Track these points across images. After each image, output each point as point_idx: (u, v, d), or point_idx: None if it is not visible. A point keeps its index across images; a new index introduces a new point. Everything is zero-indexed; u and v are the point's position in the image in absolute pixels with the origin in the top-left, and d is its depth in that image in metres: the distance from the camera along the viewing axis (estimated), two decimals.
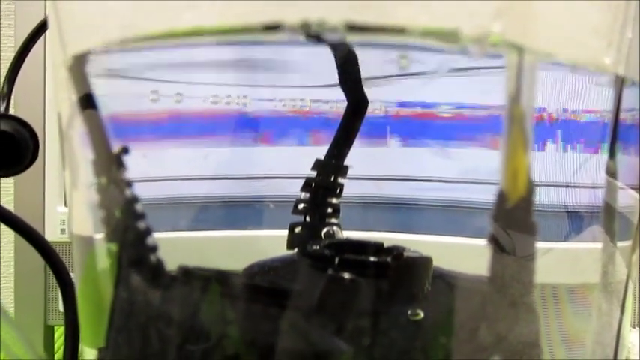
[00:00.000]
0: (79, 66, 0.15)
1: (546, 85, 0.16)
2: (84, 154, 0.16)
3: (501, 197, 0.13)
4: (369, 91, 0.21)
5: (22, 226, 0.23)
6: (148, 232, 0.16)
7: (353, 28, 0.10)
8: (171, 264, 0.17)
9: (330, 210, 0.22)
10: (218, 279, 0.15)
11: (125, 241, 0.16)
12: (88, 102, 0.16)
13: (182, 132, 0.22)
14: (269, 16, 0.10)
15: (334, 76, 0.20)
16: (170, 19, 0.11)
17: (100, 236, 0.16)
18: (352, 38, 0.11)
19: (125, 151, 0.16)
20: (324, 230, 0.22)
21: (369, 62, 0.14)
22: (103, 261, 0.16)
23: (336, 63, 0.19)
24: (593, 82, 0.17)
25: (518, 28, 0.12)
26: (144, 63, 0.17)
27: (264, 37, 0.11)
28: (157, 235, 0.17)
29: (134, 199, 0.16)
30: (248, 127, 0.23)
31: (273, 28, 0.10)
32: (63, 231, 0.40)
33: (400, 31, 0.10)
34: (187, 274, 0.15)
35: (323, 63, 0.19)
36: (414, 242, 0.20)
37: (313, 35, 0.10)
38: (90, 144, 0.16)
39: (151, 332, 0.15)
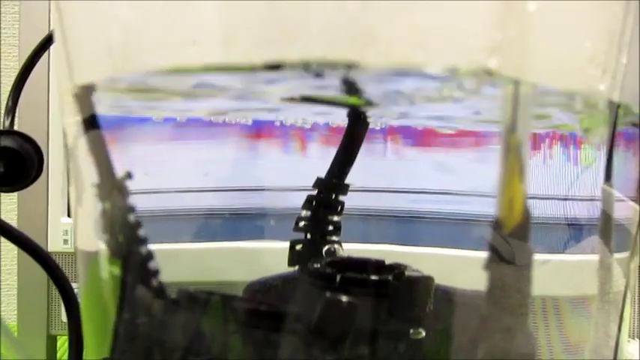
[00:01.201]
0: (84, 92, 0.15)
1: None
2: (88, 174, 0.16)
3: (498, 224, 0.14)
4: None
5: (23, 239, 0.23)
6: (150, 256, 0.16)
7: (352, 66, 0.10)
8: (173, 275, 0.17)
9: (330, 227, 0.23)
10: (219, 302, 0.15)
11: (127, 265, 0.16)
12: (92, 123, 0.16)
13: (184, 144, 0.22)
14: (271, 55, 0.11)
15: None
16: (175, 55, 0.12)
17: (104, 255, 0.17)
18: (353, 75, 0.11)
19: (128, 176, 0.16)
20: (325, 248, 0.22)
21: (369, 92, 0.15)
22: (107, 277, 0.16)
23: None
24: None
25: (514, 62, 0.12)
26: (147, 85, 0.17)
27: (268, 74, 0.11)
28: (159, 247, 0.17)
29: (137, 224, 0.16)
30: (249, 140, 0.23)
31: (274, 67, 0.11)
32: (66, 242, 0.40)
33: (398, 70, 0.10)
34: (188, 298, 0.15)
35: None
36: (414, 255, 0.21)
37: (316, 73, 0.11)
38: (94, 165, 0.16)
39: (153, 353, 0.15)
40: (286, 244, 0.22)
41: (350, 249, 0.23)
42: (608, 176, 0.17)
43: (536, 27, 0.12)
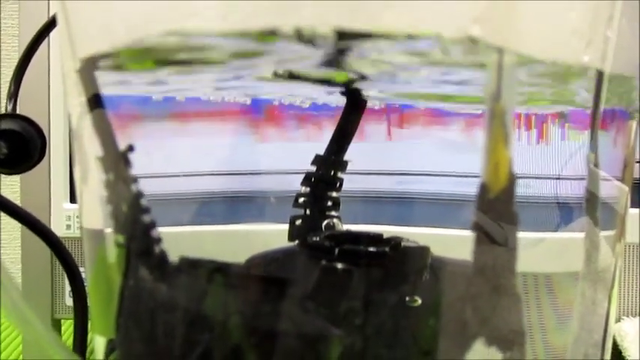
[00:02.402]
0: (87, 68, 0.16)
1: None
2: (93, 151, 0.17)
3: (483, 189, 0.14)
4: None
5: (32, 221, 0.24)
6: (152, 224, 0.16)
7: (342, 35, 0.11)
8: (173, 258, 0.17)
9: (330, 203, 0.23)
10: (219, 269, 0.16)
11: (131, 233, 0.16)
12: (96, 102, 0.17)
13: (184, 127, 0.22)
14: (265, 22, 0.11)
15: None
16: (175, 24, 0.12)
17: (109, 229, 0.17)
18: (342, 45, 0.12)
19: (131, 148, 0.17)
20: (324, 223, 0.23)
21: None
22: (113, 253, 0.17)
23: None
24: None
25: (499, 30, 0.12)
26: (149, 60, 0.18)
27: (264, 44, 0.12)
28: (160, 230, 0.17)
29: (139, 194, 0.16)
30: (250, 121, 0.23)
31: (269, 34, 0.11)
32: (68, 227, 0.41)
33: (386, 36, 0.11)
34: (189, 264, 0.16)
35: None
36: (410, 234, 0.21)
37: (309, 42, 0.11)
38: (98, 142, 0.17)
39: (156, 319, 0.16)
40: (287, 227, 0.23)
41: (349, 229, 0.24)
42: (593, 147, 0.18)
43: None
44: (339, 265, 0.17)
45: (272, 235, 0.23)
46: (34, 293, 0.42)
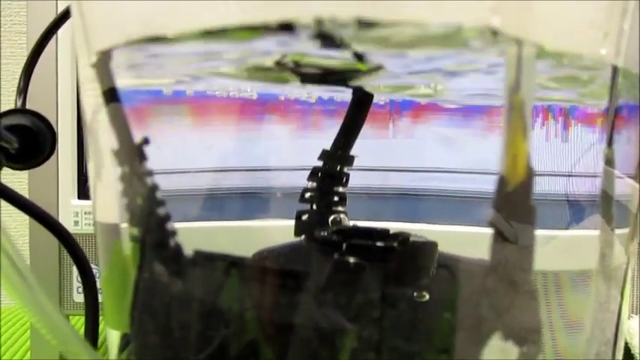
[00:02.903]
0: (102, 61, 0.16)
1: None
2: (108, 145, 0.17)
3: (501, 182, 0.14)
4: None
5: (45, 217, 0.24)
6: (167, 217, 0.16)
7: (363, 25, 0.11)
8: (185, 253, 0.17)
9: (336, 198, 0.23)
10: (235, 263, 0.16)
11: (146, 226, 0.16)
12: (111, 95, 0.17)
13: (195, 123, 0.22)
14: (283, 13, 0.11)
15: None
16: (191, 18, 0.12)
17: (124, 223, 0.17)
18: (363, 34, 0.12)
19: (146, 141, 0.17)
20: (331, 218, 0.23)
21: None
22: (127, 246, 0.17)
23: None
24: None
25: (517, 22, 0.12)
26: (162, 55, 0.18)
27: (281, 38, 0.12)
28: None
29: (154, 187, 0.16)
30: (258, 118, 0.23)
31: (287, 27, 0.11)
32: (76, 223, 0.41)
33: (406, 27, 0.11)
34: (204, 257, 0.16)
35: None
36: (419, 231, 0.21)
37: (327, 36, 0.11)
38: (113, 135, 0.17)
39: (171, 311, 0.16)
40: (292, 223, 0.23)
41: (357, 224, 0.24)
42: (609, 143, 0.18)
43: None
44: (351, 260, 0.17)
45: (280, 230, 0.23)
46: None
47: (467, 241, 0.20)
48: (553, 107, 0.21)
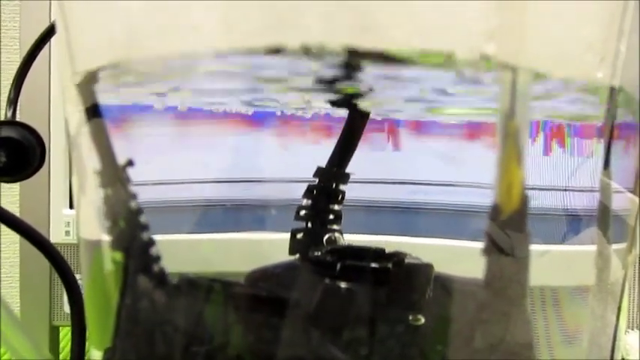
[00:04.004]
0: (86, 81, 0.15)
1: None
2: (91, 162, 0.16)
3: (495, 211, 0.14)
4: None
5: (25, 228, 0.24)
6: (151, 242, 0.16)
7: (353, 54, 0.10)
8: (175, 266, 0.17)
9: (331, 216, 0.23)
10: (219, 288, 0.15)
11: (129, 251, 0.16)
12: (94, 112, 0.17)
13: (186, 136, 0.22)
14: (271, 39, 0.11)
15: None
16: (175, 40, 0.12)
17: (106, 240, 0.17)
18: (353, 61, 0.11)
19: (130, 164, 0.16)
20: (326, 236, 0.23)
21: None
22: (109, 265, 0.17)
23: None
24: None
25: (512, 48, 0.12)
26: (149, 73, 0.17)
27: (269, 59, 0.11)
28: (161, 238, 0.17)
29: (138, 211, 0.16)
30: (252, 130, 0.23)
31: (275, 51, 0.11)
32: (68, 233, 0.40)
33: (397, 59, 0.10)
34: (189, 283, 0.15)
35: None
36: (415, 245, 0.21)
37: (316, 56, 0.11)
38: (96, 153, 0.16)
39: (154, 339, 0.15)
40: (287, 236, 0.23)
41: (350, 240, 0.24)
42: (606, 164, 0.18)
43: (533, 12, 0.12)
44: (342, 285, 0.17)
45: (273, 244, 0.22)
46: (32, 300, 0.41)
47: (463, 254, 0.20)
48: (548, 122, 0.21)
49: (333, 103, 0.20)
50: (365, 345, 0.16)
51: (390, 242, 0.21)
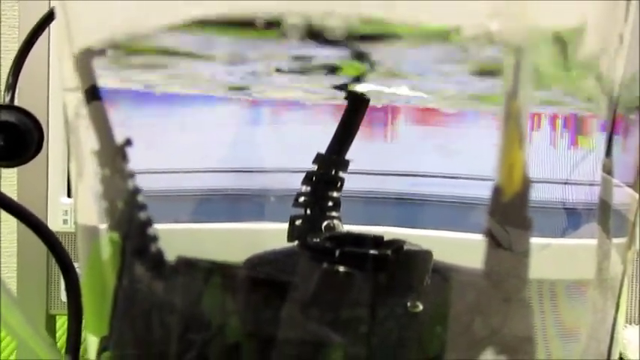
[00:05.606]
0: (85, 59, 0.15)
1: None
2: (89, 145, 0.16)
3: (497, 192, 0.14)
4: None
5: (25, 214, 0.23)
6: (148, 222, 0.16)
7: (353, 36, 0.10)
8: (172, 256, 0.17)
9: (330, 203, 0.23)
10: (216, 270, 0.15)
11: (127, 231, 0.16)
12: (93, 94, 0.16)
13: (184, 122, 0.22)
14: (271, 10, 0.11)
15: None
16: (176, 14, 0.11)
17: (104, 226, 0.17)
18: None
19: (128, 143, 0.16)
20: (325, 223, 0.23)
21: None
22: (107, 250, 0.16)
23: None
24: None
25: (515, 27, 0.12)
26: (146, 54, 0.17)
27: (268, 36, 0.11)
28: (159, 227, 0.17)
29: (136, 191, 0.16)
30: (251, 118, 0.23)
31: (274, 24, 0.11)
32: (65, 221, 0.40)
33: (399, 36, 0.10)
34: (187, 264, 0.15)
35: None
36: (415, 237, 0.21)
37: (315, 34, 0.11)
38: (95, 135, 0.16)
39: (152, 320, 0.15)
40: (286, 226, 0.22)
41: (350, 230, 0.23)
42: (608, 152, 0.17)
43: None
44: (341, 269, 0.16)
45: (272, 233, 0.22)
46: (29, 289, 0.41)
47: (463, 247, 0.20)
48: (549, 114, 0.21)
49: (335, 88, 0.20)
50: (363, 330, 0.16)
51: (390, 233, 0.21)
